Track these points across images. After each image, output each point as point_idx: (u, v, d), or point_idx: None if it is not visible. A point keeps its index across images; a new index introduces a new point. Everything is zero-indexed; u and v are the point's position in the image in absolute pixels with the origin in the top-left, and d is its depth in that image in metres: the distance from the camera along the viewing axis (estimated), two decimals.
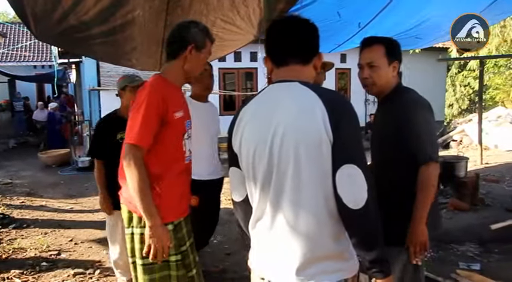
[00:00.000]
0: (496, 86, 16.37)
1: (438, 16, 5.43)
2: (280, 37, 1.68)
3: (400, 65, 2.40)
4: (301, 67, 1.67)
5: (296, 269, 1.57)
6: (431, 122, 2.30)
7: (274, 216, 1.61)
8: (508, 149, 11.40)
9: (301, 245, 1.57)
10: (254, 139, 1.63)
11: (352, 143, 1.56)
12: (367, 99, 14.25)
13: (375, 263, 1.59)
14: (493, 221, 5.01)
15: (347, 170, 1.52)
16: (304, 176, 1.55)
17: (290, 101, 1.59)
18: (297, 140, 1.54)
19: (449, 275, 3.94)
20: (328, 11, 4.68)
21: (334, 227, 1.59)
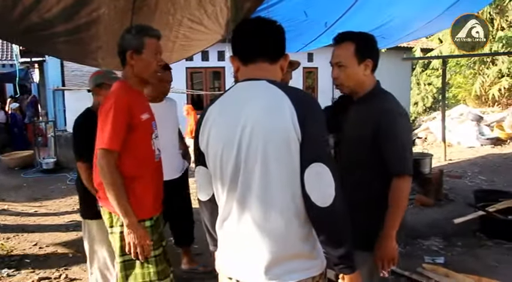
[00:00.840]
0: (458, 84, 16.78)
1: (402, 16, 5.54)
2: (249, 36, 1.69)
3: (376, 62, 2.25)
4: (269, 66, 1.68)
5: (264, 269, 1.58)
6: (410, 134, 2.24)
7: (242, 215, 1.61)
8: (469, 145, 11.72)
9: (268, 244, 1.57)
10: (221, 138, 1.62)
11: (320, 142, 1.58)
12: (334, 98, 14.39)
13: (343, 259, 1.62)
14: (456, 216, 5.13)
15: (315, 169, 1.53)
16: (273, 175, 1.55)
17: (258, 99, 1.59)
18: (265, 139, 1.54)
19: (416, 269, 4.02)
20: (295, 11, 4.71)
21: (302, 225, 1.60)
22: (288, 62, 2.70)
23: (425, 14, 5.84)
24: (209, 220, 1.84)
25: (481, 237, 4.99)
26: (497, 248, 4.68)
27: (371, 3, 4.89)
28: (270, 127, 1.54)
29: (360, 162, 2.23)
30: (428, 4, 5.49)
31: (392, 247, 2.13)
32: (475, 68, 14.91)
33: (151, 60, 2.41)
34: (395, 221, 2.12)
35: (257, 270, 1.59)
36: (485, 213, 5.08)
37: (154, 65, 2.43)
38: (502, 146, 11.67)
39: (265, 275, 1.58)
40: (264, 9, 4.22)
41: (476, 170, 8.77)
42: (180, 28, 4.19)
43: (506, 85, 13.89)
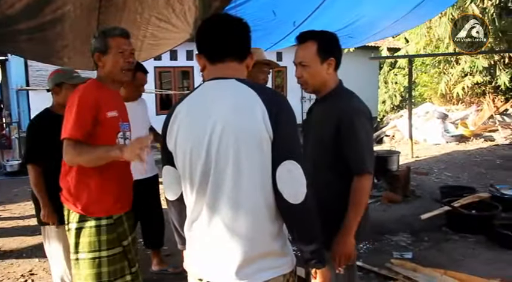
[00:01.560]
0: (424, 83, 17.13)
1: (369, 16, 5.62)
2: (217, 34, 1.66)
3: (339, 61, 2.25)
4: (237, 64, 1.68)
5: (235, 269, 1.57)
6: (370, 132, 2.24)
7: (212, 216, 1.59)
8: (435, 142, 12.00)
9: (240, 244, 1.57)
10: (190, 138, 1.60)
11: (291, 140, 1.59)
12: (303, 97, 14.54)
13: (316, 254, 1.65)
14: (423, 212, 5.25)
15: (287, 166, 1.55)
16: (244, 175, 1.54)
17: (228, 98, 1.58)
18: (237, 138, 1.53)
19: (384, 264, 4.09)
20: (263, 10, 4.71)
21: (273, 224, 1.61)
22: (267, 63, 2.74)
23: (392, 13, 5.94)
24: (177, 220, 1.83)
25: (447, 231, 5.11)
26: (462, 241, 4.80)
27: (339, 3, 4.94)
28: (241, 126, 1.53)
29: (322, 161, 2.23)
30: (395, 4, 5.59)
31: (349, 244, 2.15)
32: (439, 67, 15.25)
33: (117, 59, 2.42)
34: (355, 219, 2.13)
35: (228, 271, 1.58)
36: (451, 209, 5.21)
37: (121, 62, 2.43)
38: (466, 143, 11.98)
39: (237, 275, 1.58)
40: (232, 8, 4.21)
41: (442, 166, 8.99)
42: (148, 27, 4.14)
43: (469, 84, 14.25)
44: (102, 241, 2.39)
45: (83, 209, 2.38)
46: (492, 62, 13.86)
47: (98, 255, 2.38)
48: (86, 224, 2.38)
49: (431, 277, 3.72)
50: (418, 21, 9.18)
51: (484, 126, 12.87)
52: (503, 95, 14.11)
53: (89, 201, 2.37)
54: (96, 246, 2.38)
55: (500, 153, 10.27)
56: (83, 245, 2.38)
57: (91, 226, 2.38)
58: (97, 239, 2.38)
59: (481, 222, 5.03)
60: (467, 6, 13.19)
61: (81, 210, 2.38)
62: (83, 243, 2.38)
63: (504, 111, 13.54)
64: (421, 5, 5.67)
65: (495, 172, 8.30)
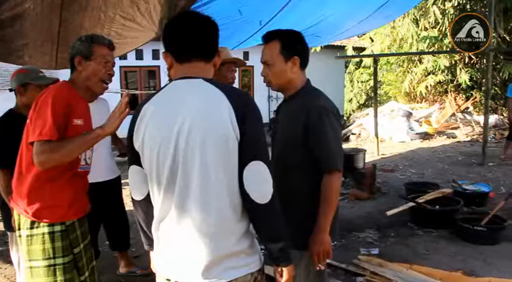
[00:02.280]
0: (389, 82, 17.44)
1: (335, 15, 5.69)
2: (184, 33, 1.65)
3: (304, 59, 2.26)
4: (204, 64, 1.68)
5: (203, 268, 1.59)
6: (338, 130, 2.24)
7: (180, 216, 1.59)
8: (400, 140, 12.22)
9: (208, 244, 1.58)
10: (158, 137, 1.59)
11: (258, 140, 1.61)
12: (270, 96, 14.59)
13: (283, 252, 1.68)
14: (389, 208, 5.31)
15: (254, 167, 1.57)
16: (211, 175, 1.55)
17: (195, 98, 1.58)
18: (204, 138, 1.53)
19: (352, 261, 4.14)
20: (230, 9, 4.71)
21: (240, 223, 1.63)
22: (234, 62, 2.74)
23: (357, 13, 6.04)
24: (144, 220, 1.82)
25: (412, 227, 5.22)
26: (426, 236, 4.91)
27: (305, 3, 4.98)
28: (207, 126, 1.54)
29: (291, 160, 2.24)
30: (360, 4, 5.67)
31: (326, 241, 2.16)
32: (404, 66, 15.56)
33: (99, 68, 2.37)
34: (327, 216, 2.14)
35: (196, 270, 1.59)
36: (415, 204, 5.32)
37: (103, 72, 2.38)
38: (430, 140, 12.26)
39: (205, 275, 1.59)
40: (198, 7, 4.19)
41: (407, 163, 9.16)
42: (112, 25, 4.08)
43: (432, 83, 14.60)
44: (57, 248, 2.29)
45: (35, 215, 2.27)
46: (453, 61, 14.23)
47: (53, 262, 2.28)
48: (38, 231, 2.28)
49: (397, 271, 3.79)
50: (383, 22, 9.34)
51: (446, 123, 13.20)
52: (464, 94, 14.51)
53: (42, 206, 2.27)
54: (50, 253, 2.28)
55: (461, 150, 10.54)
56: (36, 253, 2.28)
57: (44, 233, 2.28)
58: (51, 246, 2.28)
59: (444, 217, 5.16)
60: (428, 7, 13.51)
61: (33, 216, 2.27)
62: (36, 251, 2.28)
63: (465, 109, 13.92)
64: (385, 6, 5.78)
65: (457, 168, 8.52)
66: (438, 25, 13.88)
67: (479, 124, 12.10)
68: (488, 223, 4.78)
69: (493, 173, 7.93)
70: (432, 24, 14.14)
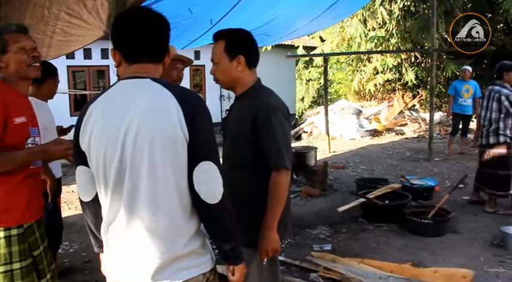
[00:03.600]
0: (339, 80, 17.77)
1: (286, 15, 5.74)
2: (134, 32, 1.60)
3: (250, 59, 2.26)
4: (154, 65, 1.65)
5: (155, 270, 1.57)
6: (287, 128, 2.26)
7: (129, 218, 1.57)
8: (351, 137, 12.48)
9: (158, 245, 1.56)
10: (105, 137, 1.55)
11: (207, 141, 1.60)
12: (222, 95, 14.57)
13: (235, 250, 1.69)
14: (340, 204, 5.41)
15: (204, 167, 1.56)
16: (160, 175, 1.53)
17: (143, 98, 1.56)
18: (152, 139, 1.51)
19: (305, 257, 4.20)
20: (180, 7, 4.66)
21: (191, 223, 1.62)
22: (180, 59, 2.71)
23: (307, 13, 6.11)
24: (93, 222, 1.77)
25: (363, 222, 5.35)
26: (377, 231, 5.05)
27: (255, 2, 5.00)
28: (156, 127, 1.52)
29: (241, 159, 2.26)
30: (310, 4, 5.75)
31: (273, 238, 2.17)
32: (353, 65, 15.90)
33: (19, 56, 2.25)
34: (275, 213, 2.16)
35: (148, 273, 1.58)
36: (366, 200, 5.45)
37: (24, 59, 2.27)
38: (379, 137, 12.59)
39: (156, 277, 1.58)
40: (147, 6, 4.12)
41: (357, 160, 9.37)
42: (57, 22, 3.95)
43: (381, 81, 15.00)
44: (14, 252, 2.19)
45: None
46: (399, 60, 14.67)
47: (9, 268, 2.18)
48: None
49: (349, 266, 3.87)
50: (332, 21, 9.51)
51: (395, 121, 13.58)
52: (410, 92, 14.98)
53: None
54: (7, 258, 2.18)
55: (409, 146, 10.88)
56: None
57: (0, 237, 2.18)
58: (7, 250, 2.18)
59: (393, 211, 5.32)
60: (376, 8, 13.86)
61: None
62: None
63: (412, 107, 14.40)
64: (334, 6, 5.88)
65: (405, 163, 8.80)
66: (385, 25, 14.26)
67: (426, 121, 12.51)
68: (434, 216, 4.96)
69: (439, 168, 8.24)
70: (380, 25, 14.51)
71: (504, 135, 5.38)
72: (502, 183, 5.48)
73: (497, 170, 5.47)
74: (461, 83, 9.08)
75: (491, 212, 5.50)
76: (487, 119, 5.49)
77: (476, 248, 4.48)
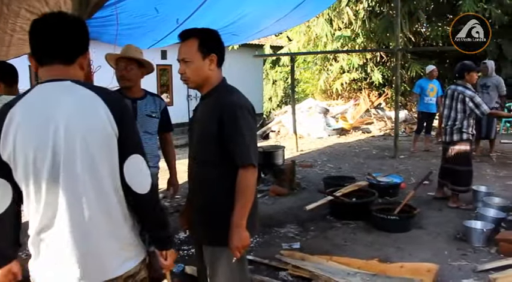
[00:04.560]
0: (306, 80, 17.91)
1: (253, 14, 5.73)
2: (42, 36, 1.65)
3: (221, 57, 2.29)
4: (65, 66, 1.68)
5: (102, 264, 1.67)
6: (253, 127, 2.27)
7: (69, 218, 1.60)
8: (318, 136, 12.59)
9: (102, 241, 1.65)
10: (33, 142, 1.57)
11: (134, 136, 1.74)
12: (189, 95, 14.48)
13: (170, 238, 1.89)
14: (308, 203, 5.44)
15: (133, 160, 1.69)
16: (96, 173, 1.62)
17: (69, 100, 1.61)
18: (84, 137, 1.58)
19: (274, 256, 4.21)
20: (145, 6, 4.59)
21: (127, 217, 1.74)
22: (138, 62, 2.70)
23: (274, 12, 6.12)
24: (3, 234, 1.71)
25: (331, 219, 5.41)
26: (345, 228, 5.11)
27: (222, 1, 4.97)
28: (87, 127, 1.59)
29: (208, 157, 2.26)
30: (277, 4, 5.76)
31: (243, 236, 2.17)
32: (320, 64, 16.03)
33: None
34: (244, 211, 2.17)
35: (96, 268, 1.66)
36: (334, 198, 5.51)
37: None
38: (346, 135, 12.74)
39: (104, 270, 1.67)
40: (112, 4, 4.03)
41: (325, 158, 9.45)
42: (17, 20, 3.83)
43: (347, 80, 15.18)
44: None
45: None
46: (365, 60, 14.89)
47: None
48: None
49: (318, 264, 3.91)
50: (299, 21, 9.57)
51: (361, 119, 13.78)
52: (376, 90, 15.22)
53: None
54: None
55: (375, 144, 11.05)
56: None
57: None
58: None
59: (360, 208, 5.39)
60: (342, 8, 14.02)
61: None
62: None
63: (378, 105, 14.63)
64: (301, 6, 5.91)
65: (372, 161, 8.93)
66: (351, 25, 14.44)
67: (391, 119, 12.74)
68: (400, 212, 5.06)
69: (404, 165, 8.40)
70: (345, 25, 14.68)
71: (467, 133, 5.54)
72: (463, 178, 5.65)
73: (459, 166, 5.64)
74: (427, 82, 9.29)
75: (454, 207, 5.64)
76: (452, 118, 5.64)
77: (441, 243, 4.59)
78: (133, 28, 4.78)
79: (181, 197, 5.95)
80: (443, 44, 13.74)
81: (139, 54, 3.36)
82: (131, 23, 4.63)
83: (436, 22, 13.51)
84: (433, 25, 13.48)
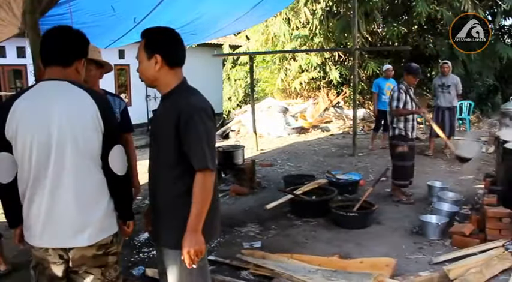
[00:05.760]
0: (265, 79, 17.95)
1: (211, 14, 5.72)
2: (47, 43, 2.14)
3: (168, 58, 2.22)
4: (63, 69, 2.11)
5: (80, 233, 2.04)
6: (211, 129, 2.22)
7: (55, 190, 2.00)
8: (278, 135, 12.64)
9: (82, 213, 2.04)
10: (33, 126, 1.98)
11: (116, 130, 2.19)
12: (148, 95, 14.30)
13: (133, 213, 2.33)
14: (269, 201, 5.47)
15: (116, 149, 2.12)
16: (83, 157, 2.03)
17: (65, 97, 2.04)
18: (74, 128, 2.00)
19: (235, 256, 4.21)
20: (101, 5, 4.50)
21: (104, 194, 2.12)
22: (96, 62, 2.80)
23: (232, 12, 6.13)
24: (12, 199, 2.11)
25: (292, 218, 5.46)
26: (305, 226, 5.17)
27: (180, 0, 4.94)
28: (79, 120, 2.02)
29: (167, 159, 2.22)
30: (235, 3, 5.76)
31: (198, 241, 2.13)
32: (279, 63, 16.11)
33: None
34: (200, 214, 2.13)
35: (76, 235, 2.03)
36: (294, 196, 5.56)
37: None
38: (305, 134, 12.86)
39: (81, 238, 2.04)
40: (65, 3, 3.93)
41: (285, 157, 9.52)
42: None
43: (306, 79, 15.31)
44: None
45: None
46: (323, 59, 15.07)
47: None
48: None
49: (279, 262, 3.93)
50: (257, 20, 9.61)
51: (320, 118, 13.94)
52: (335, 89, 15.42)
53: None
54: None
55: (334, 142, 11.20)
56: None
57: None
58: None
59: (320, 206, 5.47)
60: (300, 8, 14.15)
61: None
62: None
63: (337, 104, 14.84)
64: (259, 5, 5.94)
65: (331, 159, 9.06)
66: (308, 25, 14.58)
67: (350, 117, 12.94)
68: (359, 209, 5.16)
69: (363, 162, 8.57)
70: (303, 24, 14.82)
71: (399, 129, 5.80)
72: (398, 172, 5.93)
73: (394, 160, 5.95)
74: (384, 81, 9.51)
75: (397, 201, 5.90)
76: (390, 115, 5.97)
77: (398, 237, 4.71)
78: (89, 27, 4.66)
79: (142, 198, 5.88)
80: (398, 43, 14.09)
81: (97, 54, 3.28)
82: (87, 22, 4.52)
83: (392, 22, 13.80)
84: (388, 25, 13.77)
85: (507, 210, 4.28)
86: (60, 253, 2.05)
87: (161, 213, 2.28)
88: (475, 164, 7.22)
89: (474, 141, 9.00)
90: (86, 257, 2.07)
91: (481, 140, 9.96)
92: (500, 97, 14.70)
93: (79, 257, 2.06)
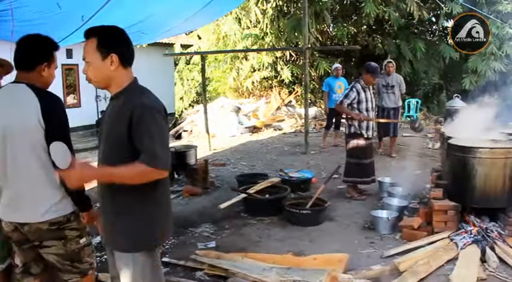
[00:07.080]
0: (218, 78, 17.87)
1: (161, 13, 5.64)
2: (15, 50, 2.45)
3: (124, 57, 2.19)
4: (25, 72, 2.44)
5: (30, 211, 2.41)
6: (164, 129, 2.18)
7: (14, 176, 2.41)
8: (231, 134, 12.63)
9: (30, 197, 2.42)
10: None
11: (59, 127, 2.42)
12: (98, 96, 13.97)
13: (85, 206, 2.62)
14: (223, 201, 5.46)
15: (56, 145, 2.23)
16: (28, 150, 2.37)
17: (16, 97, 2.38)
18: (20, 128, 2.34)
19: (190, 257, 4.17)
20: (46, 2, 4.34)
21: (51, 182, 2.43)
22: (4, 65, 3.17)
23: (183, 11, 6.06)
24: None
25: (245, 217, 5.48)
26: (259, 224, 5.20)
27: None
28: (21, 120, 2.35)
29: (118, 158, 2.13)
30: (185, 3, 5.71)
31: (89, 174, 2.13)
32: (231, 63, 16.09)
33: None
34: (111, 176, 2.12)
35: (30, 213, 2.42)
36: (247, 195, 5.57)
37: None
38: (258, 133, 12.91)
39: (35, 214, 2.41)
40: None
41: (238, 156, 9.53)
42: None
43: (258, 78, 15.36)
44: None
45: None
46: (275, 58, 15.18)
47: None
48: None
49: (233, 261, 3.93)
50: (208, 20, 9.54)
51: (273, 117, 14.04)
52: (287, 88, 15.56)
53: None
54: None
55: (287, 141, 11.32)
56: None
57: None
58: None
59: (274, 204, 5.51)
60: (250, 7, 14.19)
61: None
62: None
63: (289, 103, 14.99)
64: (209, 5, 5.90)
65: (284, 158, 9.15)
66: (259, 24, 14.65)
67: (302, 116, 13.09)
68: (312, 206, 5.24)
69: (315, 160, 8.70)
70: (254, 23, 14.87)
71: (354, 127, 5.95)
72: (350, 170, 6.08)
73: (347, 157, 6.09)
74: (334, 80, 9.70)
75: (349, 197, 6.06)
76: None
77: (351, 233, 4.82)
78: (35, 25, 4.50)
79: None
80: (348, 43, 14.39)
81: None
82: (32, 19, 4.36)
83: (342, 23, 14.09)
84: (338, 25, 14.04)
85: (452, 203, 4.46)
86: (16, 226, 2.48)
87: (110, 216, 2.23)
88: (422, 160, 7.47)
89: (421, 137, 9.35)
90: (42, 230, 2.44)
91: (428, 136, 10.34)
92: (445, 95, 15.30)
93: (34, 229, 2.44)
